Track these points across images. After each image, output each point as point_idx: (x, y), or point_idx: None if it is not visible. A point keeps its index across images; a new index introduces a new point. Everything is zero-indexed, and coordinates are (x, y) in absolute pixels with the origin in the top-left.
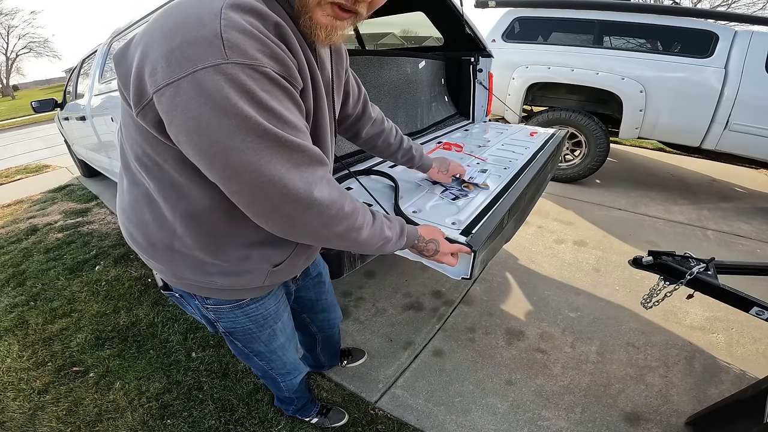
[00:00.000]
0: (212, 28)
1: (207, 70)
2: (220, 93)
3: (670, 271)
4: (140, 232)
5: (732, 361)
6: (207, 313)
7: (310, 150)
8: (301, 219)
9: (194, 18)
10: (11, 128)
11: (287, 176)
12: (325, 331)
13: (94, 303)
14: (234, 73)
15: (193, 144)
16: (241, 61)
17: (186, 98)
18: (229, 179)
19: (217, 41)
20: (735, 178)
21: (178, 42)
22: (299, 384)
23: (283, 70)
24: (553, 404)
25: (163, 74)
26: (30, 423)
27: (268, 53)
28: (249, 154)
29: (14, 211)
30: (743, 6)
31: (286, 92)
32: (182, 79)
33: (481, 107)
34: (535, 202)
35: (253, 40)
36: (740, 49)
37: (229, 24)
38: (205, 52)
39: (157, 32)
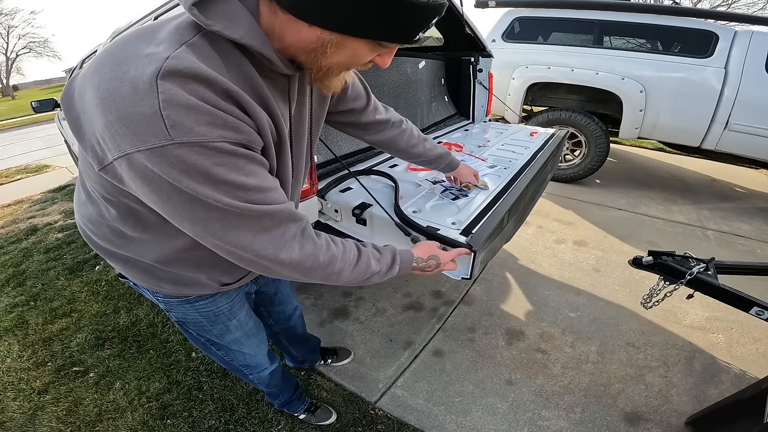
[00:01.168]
0: (149, 104)
1: (153, 151)
2: (170, 175)
3: (670, 271)
4: (99, 237)
5: (732, 361)
6: (159, 303)
7: (279, 213)
8: (278, 271)
9: (128, 88)
10: (11, 128)
11: (255, 242)
12: (282, 324)
13: (94, 303)
14: (181, 155)
15: (160, 208)
16: (187, 141)
17: (140, 174)
18: (201, 239)
19: (157, 119)
20: (735, 178)
21: (115, 117)
22: (271, 378)
23: (240, 138)
24: (553, 404)
25: (113, 145)
26: (30, 423)
27: (220, 123)
28: (214, 223)
29: (14, 211)
30: (743, 6)
31: (246, 158)
32: (129, 155)
33: (481, 107)
34: (535, 202)
35: (197, 113)
36: (740, 49)
37: (169, 99)
38: (147, 132)
39: (95, 99)
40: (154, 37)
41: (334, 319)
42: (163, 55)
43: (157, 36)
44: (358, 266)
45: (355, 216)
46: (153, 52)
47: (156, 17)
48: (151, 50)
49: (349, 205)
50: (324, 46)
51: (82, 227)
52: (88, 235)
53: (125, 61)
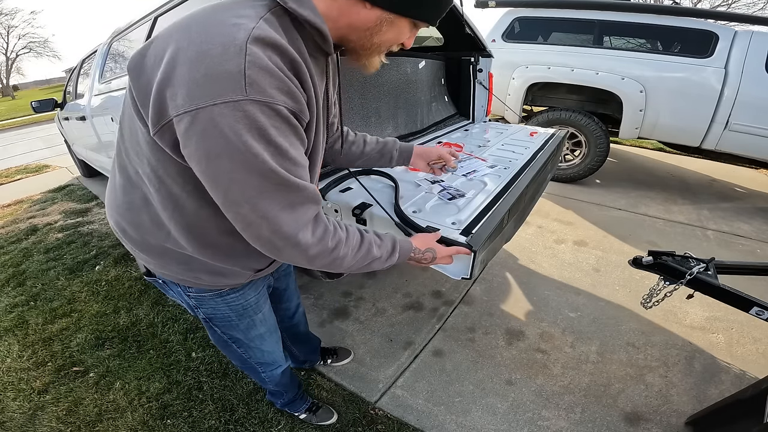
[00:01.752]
0: (237, 63)
1: (226, 105)
2: (233, 128)
3: (670, 271)
4: (134, 230)
5: (732, 361)
6: (188, 300)
7: (307, 189)
8: (287, 252)
9: (219, 49)
10: (11, 128)
11: (280, 216)
12: (286, 321)
13: (94, 303)
14: (250, 110)
15: (201, 169)
16: (258, 99)
17: (201, 128)
18: (229, 206)
19: (240, 77)
20: (735, 178)
21: (202, 73)
22: (282, 376)
23: (295, 107)
24: (553, 404)
25: (183, 101)
26: (30, 423)
27: (285, 90)
28: (250, 190)
29: (14, 211)
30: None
31: (294, 129)
32: (201, 109)
33: (481, 107)
34: (535, 202)
35: (272, 77)
36: (740, 49)
37: (253, 61)
38: (227, 87)
39: (181, 58)
40: (237, 12)
41: (334, 319)
42: (249, 25)
43: (239, 11)
44: (360, 252)
45: (355, 216)
46: (239, 23)
47: (156, 17)
48: (237, 21)
49: (349, 205)
50: (380, 24)
51: (117, 220)
52: (123, 227)
53: (214, 28)
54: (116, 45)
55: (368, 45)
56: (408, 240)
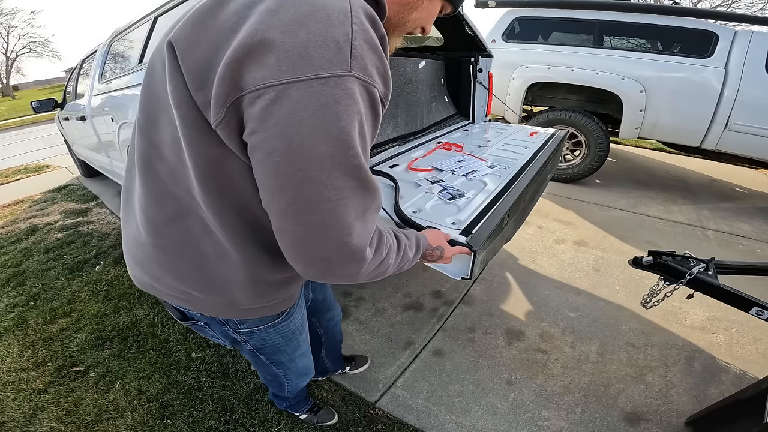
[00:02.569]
0: (344, 31)
1: (328, 80)
2: (333, 110)
3: (670, 271)
4: (194, 269)
5: (732, 361)
6: (237, 336)
7: (378, 193)
8: (342, 269)
9: (323, 13)
10: (11, 128)
11: (353, 226)
12: (330, 330)
13: (94, 303)
14: (353, 89)
15: (270, 164)
16: (361, 76)
17: (288, 108)
18: (293, 214)
19: (347, 48)
20: (735, 178)
21: (303, 38)
22: (304, 388)
23: (385, 93)
24: (553, 404)
25: (270, 72)
26: (30, 423)
27: (381, 72)
28: (329, 191)
29: (14, 211)
30: (743, 6)
31: (377, 121)
32: (294, 83)
33: (481, 107)
34: (535, 202)
35: (374, 54)
36: (740, 49)
37: (360, 30)
38: (332, 58)
39: (273, 20)
40: None
41: None
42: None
43: None
44: (398, 256)
45: None
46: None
47: (156, 17)
48: None
49: None
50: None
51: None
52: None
53: None
54: (116, 45)
55: (404, 21)
56: (424, 236)
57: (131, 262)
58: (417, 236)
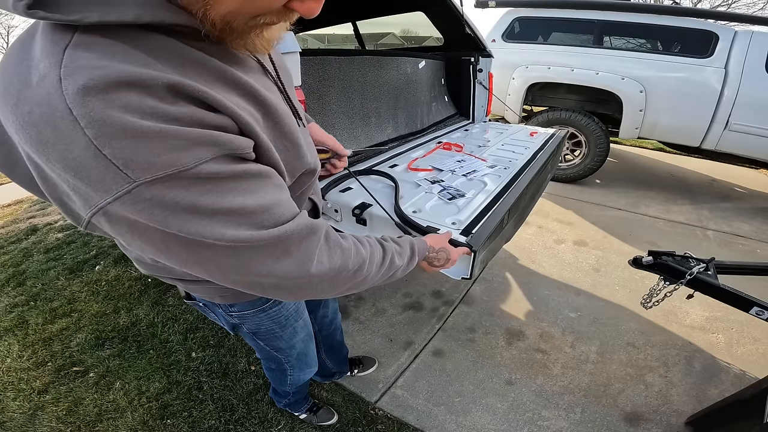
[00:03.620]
0: (82, 144)
1: (122, 200)
2: (156, 222)
3: (670, 271)
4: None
5: (732, 361)
6: (231, 320)
7: (294, 232)
8: (304, 292)
9: (49, 131)
10: None
11: (277, 267)
12: (325, 329)
13: (94, 303)
14: (155, 196)
15: (164, 260)
16: (153, 177)
17: (125, 227)
18: (218, 280)
19: (103, 163)
20: (735, 178)
21: (61, 168)
22: (306, 382)
23: (218, 150)
24: (553, 404)
25: (80, 203)
26: (30, 423)
27: (183, 144)
28: (227, 260)
29: (14, 211)
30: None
31: (237, 176)
32: (103, 208)
33: (481, 107)
34: (535, 202)
35: (149, 139)
36: (740, 49)
37: (100, 132)
38: (102, 179)
39: (23, 139)
40: (36, 50)
41: None
42: (53, 76)
43: (37, 47)
44: (384, 265)
45: (355, 216)
46: (44, 74)
47: None
48: (40, 72)
49: (348, 205)
50: None
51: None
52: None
53: (19, 99)
54: None
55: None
56: (423, 240)
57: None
58: (412, 243)
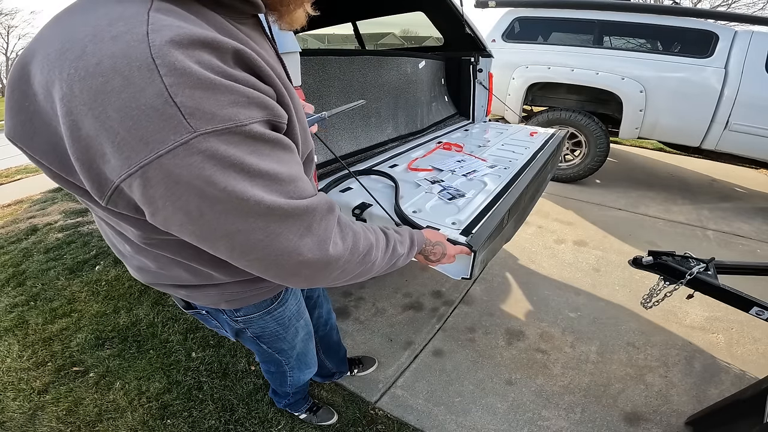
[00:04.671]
0: (156, 92)
1: (174, 153)
2: (201, 179)
3: (670, 271)
4: (175, 281)
5: (732, 361)
6: (236, 325)
7: (318, 203)
8: (319, 277)
9: (119, 80)
10: None
11: (301, 244)
12: (321, 329)
13: (94, 303)
14: (209, 148)
15: (188, 233)
16: (212, 129)
17: (162, 189)
18: (239, 258)
19: (172, 110)
20: (735, 178)
21: (116, 120)
22: (306, 382)
23: (266, 114)
24: (553, 404)
25: (117, 162)
26: (30, 423)
27: (243, 102)
28: (256, 233)
29: (14, 211)
30: (743, 6)
31: (276, 143)
32: (146, 167)
33: (481, 107)
34: (535, 202)
35: (218, 92)
36: (740, 49)
37: (177, 81)
38: (162, 129)
39: (77, 105)
40: (107, 14)
41: None
42: (137, 31)
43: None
44: (388, 252)
45: (355, 216)
46: (123, 31)
47: None
48: (118, 30)
49: (349, 205)
50: None
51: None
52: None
53: (93, 46)
54: None
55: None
56: (420, 232)
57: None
58: (411, 232)
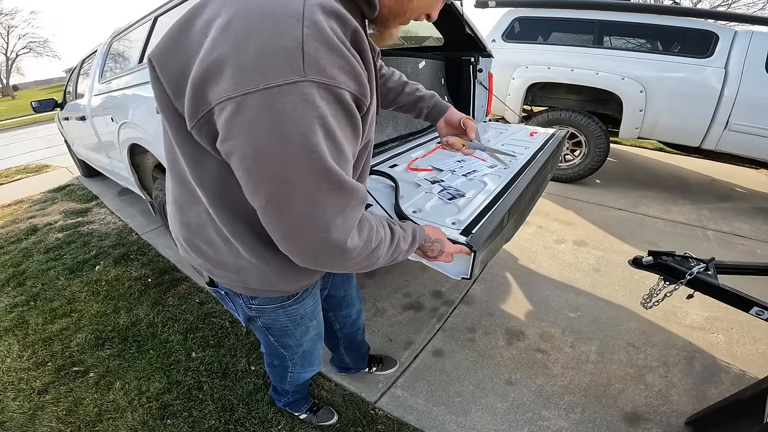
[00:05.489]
0: (294, 36)
1: (281, 88)
2: (290, 117)
3: (670, 271)
4: (209, 247)
5: (732, 361)
6: (249, 312)
7: (360, 191)
8: (329, 261)
9: (272, 20)
10: (11, 128)
11: (332, 221)
12: (347, 328)
13: (94, 303)
14: (309, 94)
15: (244, 167)
16: (318, 80)
17: (249, 117)
18: (271, 211)
19: (298, 54)
20: (735, 178)
21: (253, 51)
22: (307, 381)
23: (358, 90)
24: (553, 404)
25: (228, 85)
26: (30, 423)
27: (348, 70)
28: (302, 191)
29: (14, 211)
30: (743, 6)
31: (353, 121)
32: (249, 94)
33: (481, 107)
34: (535, 202)
35: (334, 54)
36: (740, 49)
37: (313, 32)
38: (282, 67)
39: (227, 33)
40: None
41: None
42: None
43: None
44: (392, 247)
45: None
46: None
47: (156, 17)
48: None
49: None
50: None
51: (188, 237)
52: (197, 244)
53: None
54: (116, 45)
55: (404, 10)
56: (421, 227)
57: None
58: (414, 229)
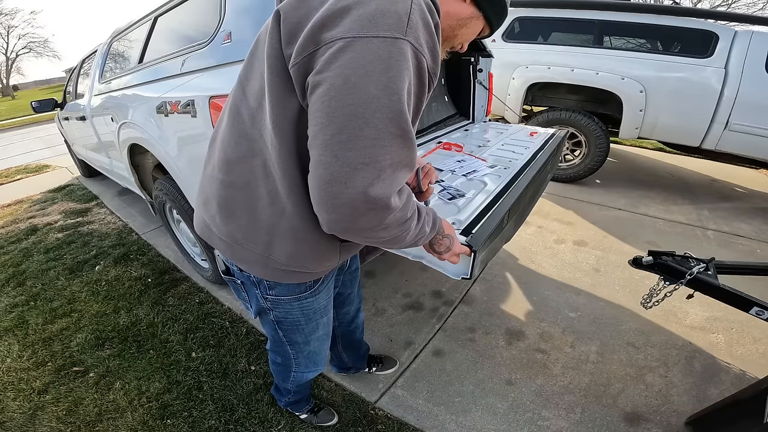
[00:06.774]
0: (405, 6)
1: (386, 39)
2: (385, 62)
3: (670, 271)
4: (247, 212)
5: (732, 361)
6: (263, 303)
7: (415, 152)
8: (364, 218)
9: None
10: (11, 128)
11: (385, 170)
12: (344, 326)
13: (94, 303)
14: (405, 50)
15: (327, 97)
16: (413, 42)
17: (351, 55)
18: (335, 145)
19: (405, 19)
20: (735, 178)
21: (372, 8)
22: (309, 381)
23: (433, 68)
24: (553, 404)
25: (343, 29)
26: (30, 423)
27: (431, 47)
28: (370, 129)
29: (14, 211)
30: (743, 6)
31: (422, 88)
32: (359, 38)
33: (481, 107)
34: (535, 202)
35: (426, 31)
36: (740, 49)
37: (418, 9)
38: (392, 25)
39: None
40: None
41: None
42: None
43: None
44: (418, 227)
45: None
46: None
47: (156, 17)
48: None
49: None
50: (469, 18)
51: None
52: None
53: None
54: (116, 45)
55: (453, 34)
56: (440, 218)
57: (200, 200)
58: (436, 215)
